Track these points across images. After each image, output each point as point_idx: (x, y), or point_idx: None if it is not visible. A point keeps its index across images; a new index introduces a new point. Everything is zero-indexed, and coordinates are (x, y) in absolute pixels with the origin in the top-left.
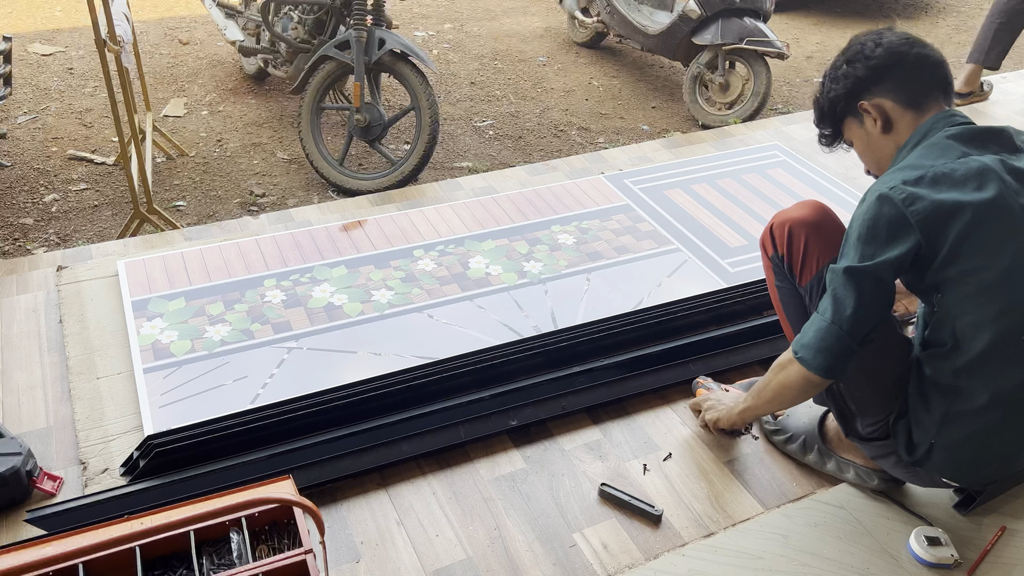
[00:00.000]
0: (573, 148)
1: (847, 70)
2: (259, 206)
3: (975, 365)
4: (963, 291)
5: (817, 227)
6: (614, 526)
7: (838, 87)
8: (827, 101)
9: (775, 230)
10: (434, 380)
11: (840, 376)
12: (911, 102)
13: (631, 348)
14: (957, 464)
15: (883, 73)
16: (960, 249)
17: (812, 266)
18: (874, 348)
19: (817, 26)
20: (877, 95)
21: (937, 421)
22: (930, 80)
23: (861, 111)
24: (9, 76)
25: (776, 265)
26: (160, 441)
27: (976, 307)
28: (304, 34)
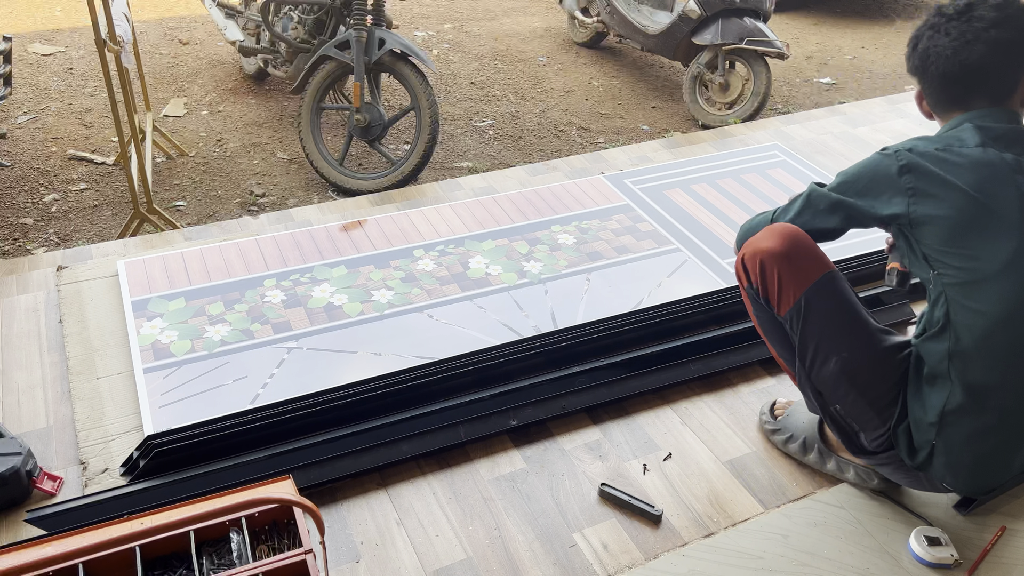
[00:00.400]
0: (573, 148)
1: (908, 53)
2: (259, 206)
3: (966, 355)
4: (959, 276)
5: (788, 257)
6: (614, 526)
7: (909, 63)
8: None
9: (747, 263)
10: (434, 380)
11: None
12: (936, 107)
13: (631, 348)
14: (957, 468)
15: (919, 74)
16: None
17: (789, 298)
18: (864, 361)
19: (817, 26)
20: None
21: (935, 422)
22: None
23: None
24: (9, 76)
25: (752, 297)
26: (160, 441)
27: (971, 295)
28: (304, 34)
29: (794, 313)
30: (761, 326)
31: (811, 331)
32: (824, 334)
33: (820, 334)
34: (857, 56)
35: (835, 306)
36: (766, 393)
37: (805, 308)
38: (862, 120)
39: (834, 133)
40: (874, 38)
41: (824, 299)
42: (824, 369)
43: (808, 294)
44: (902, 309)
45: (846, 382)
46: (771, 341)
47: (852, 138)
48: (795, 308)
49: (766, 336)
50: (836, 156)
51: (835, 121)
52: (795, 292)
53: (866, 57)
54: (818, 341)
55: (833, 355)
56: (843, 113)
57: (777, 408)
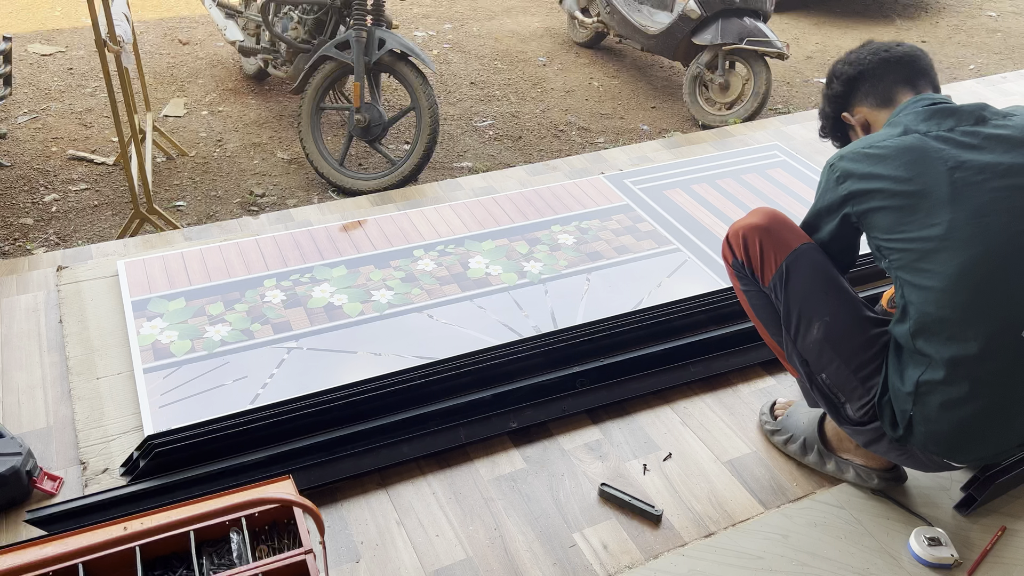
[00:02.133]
0: (573, 148)
1: (828, 92)
2: (259, 206)
3: (926, 330)
4: (904, 259)
5: (767, 230)
6: (614, 526)
7: (827, 110)
8: (826, 120)
9: (731, 239)
10: (434, 380)
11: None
12: (881, 102)
13: (631, 348)
14: (938, 437)
15: (855, 83)
16: (894, 222)
17: (771, 265)
18: (846, 331)
19: (817, 26)
20: (855, 105)
21: (911, 392)
22: (895, 78)
23: (847, 123)
24: (9, 76)
25: (739, 271)
26: (160, 441)
27: (917, 273)
28: (304, 34)
29: (777, 279)
30: (749, 302)
31: (794, 295)
32: (806, 297)
33: (803, 298)
34: None
35: (815, 271)
36: (766, 393)
37: (787, 273)
38: None
39: None
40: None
41: (804, 265)
42: (808, 335)
43: (788, 260)
44: None
45: (829, 348)
46: (759, 317)
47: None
48: (778, 274)
49: (754, 313)
50: None
51: None
52: (776, 258)
53: None
54: (801, 305)
55: (816, 320)
56: None
57: (777, 408)
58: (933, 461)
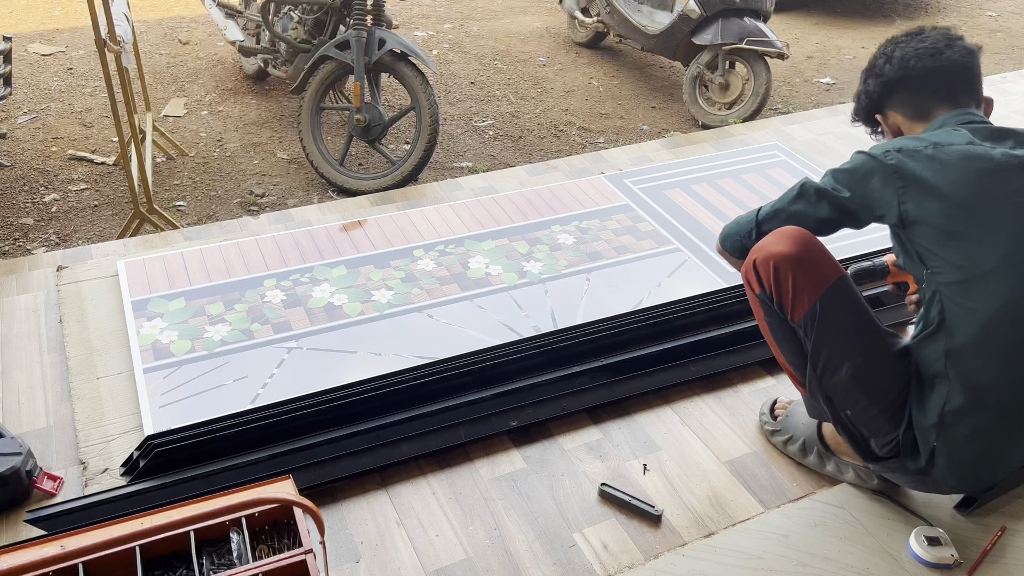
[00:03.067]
0: (573, 148)
1: (864, 87)
2: (259, 206)
3: (963, 351)
4: (952, 275)
5: (801, 262)
6: (614, 526)
7: (861, 102)
8: (859, 111)
9: (759, 268)
10: (434, 380)
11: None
12: (917, 115)
13: (631, 348)
14: (959, 469)
15: (893, 88)
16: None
17: (803, 302)
18: (876, 372)
19: (817, 26)
20: (889, 108)
21: (935, 424)
22: (935, 92)
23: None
24: (9, 76)
25: (764, 303)
26: (160, 441)
27: (965, 293)
28: (304, 34)
29: (809, 318)
30: (771, 332)
31: (825, 336)
32: (838, 339)
33: (834, 339)
34: (857, 56)
35: (848, 311)
36: (766, 393)
37: (820, 313)
38: None
39: (834, 133)
40: (874, 38)
41: (838, 304)
42: (836, 375)
43: (823, 299)
44: (901, 310)
45: (857, 388)
46: (781, 347)
47: (852, 138)
48: (810, 313)
49: (776, 342)
50: (836, 156)
51: (835, 121)
52: (810, 297)
53: (866, 57)
54: (832, 347)
55: (846, 361)
56: (843, 113)
57: (777, 408)
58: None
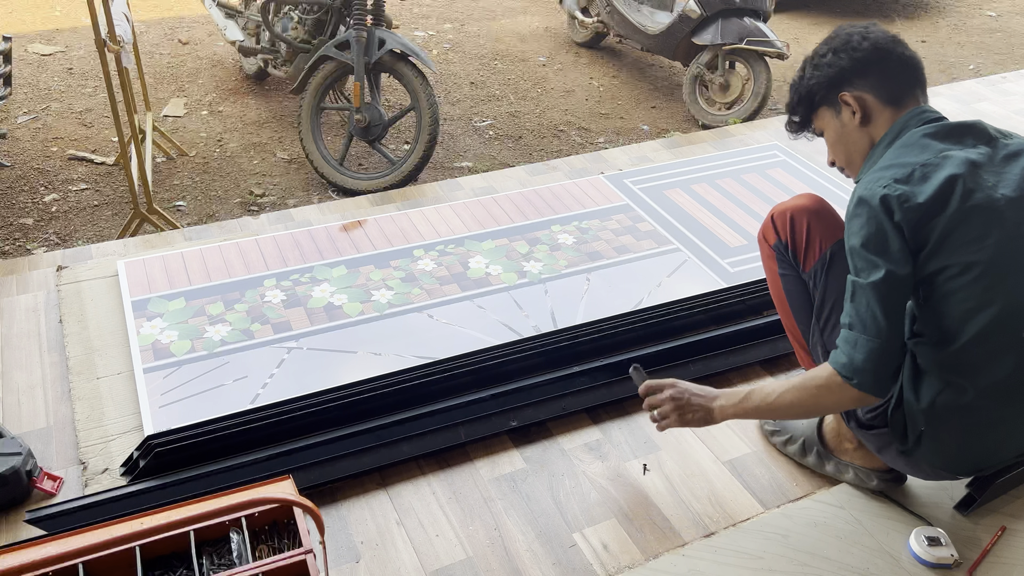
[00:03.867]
0: (573, 148)
1: (832, 59)
2: (259, 206)
3: (959, 359)
4: (947, 287)
5: (817, 213)
6: (614, 526)
7: (820, 75)
8: (806, 88)
9: (776, 219)
10: (434, 380)
11: (891, 389)
12: (892, 99)
13: (631, 348)
14: (946, 454)
15: (868, 66)
16: (943, 246)
17: (816, 250)
18: None
19: (817, 26)
20: (859, 88)
21: (925, 411)
22: (911, 80)
23: (841, 102)
24: (9, 76)
25: (780, 253)
26: (160, 441)
27: (960, 303)
28: (304, 34)
29: (819, 266)
30: (784, 287)
31: (833, 284)
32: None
33: (840, 289)
34: None
35: None
36: None
37: (830, 260)
38: None
39: None
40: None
41: None
42: (837, 329)
43: (834, 247)
44: None
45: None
46: (790, 303)
47: None
48: (821, 260)
49: (786, 298)
50: None
51: None
52: (822, 244)
53: None
54: (837, 296)
55: None
56: None
57: None
58: (934, 472)
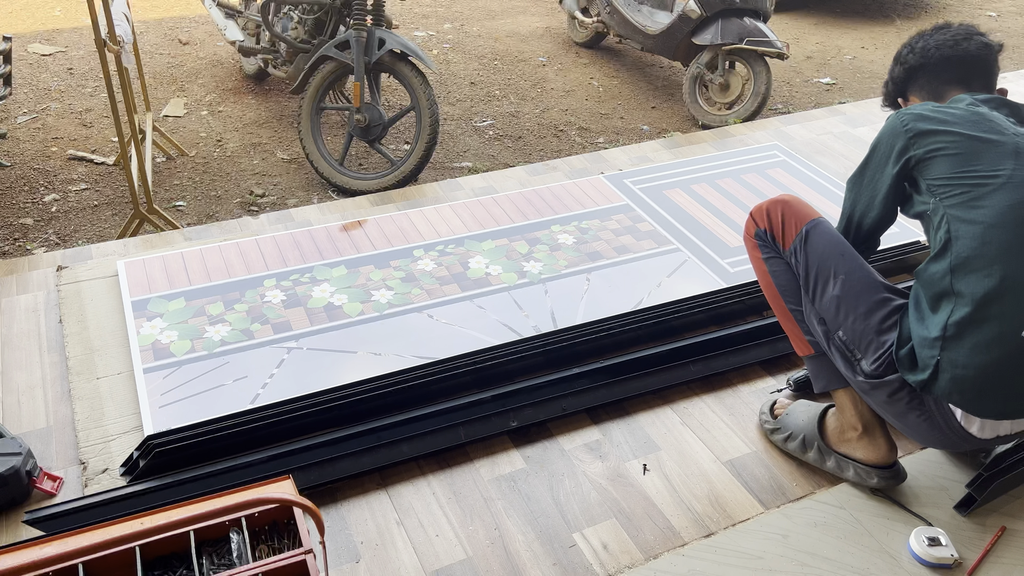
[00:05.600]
0: (573, 148)
1: (891, 75)
2: (259, 206)
3: (966, 265)
4: (960, 195)
5: (789, 203)
6: (614, 526)
7: (888, 88)
8: (886, 97)
9: (755, 214)
10: (434, 380)
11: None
12: (933, 97)
13: (631, 348)
14: (962, 384)
15: (914, 74)
16: (958, 162)
17: (792, 229)
18: (862, 287)
19: (817, 26)
20: (911, 93)
21: (939, 336)
22: (950, 77)
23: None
24: (9, 76)
25: (761, 239)
26: (160, 441)
27: (970, 209)
28: (304, 34)
29: (797, 242)
30: (769, 269)
31: (813, 255)
32: (825, 257)
33: (821, 257)
34: (857, 56)
35: (832, 236)
36: (766, 393)
37: (806, 236)
38: (862, 120)
39: (834, 133)
40: (874, 38)
41: (822, 230)
42: (826, 293)
43: (808, 226)
44: None
45: (846, 303)
46: (776, 283)
47: (852, 138)
48: (798, 237)
49: (772, 279)
50: (836, 156)
51: (835, 121)
52: (797, 225)
53: (866, 57)
54: (819, 264)
55: (833, 277)
56: (843, 113)
57: (777, 408)
58: (950, 426)
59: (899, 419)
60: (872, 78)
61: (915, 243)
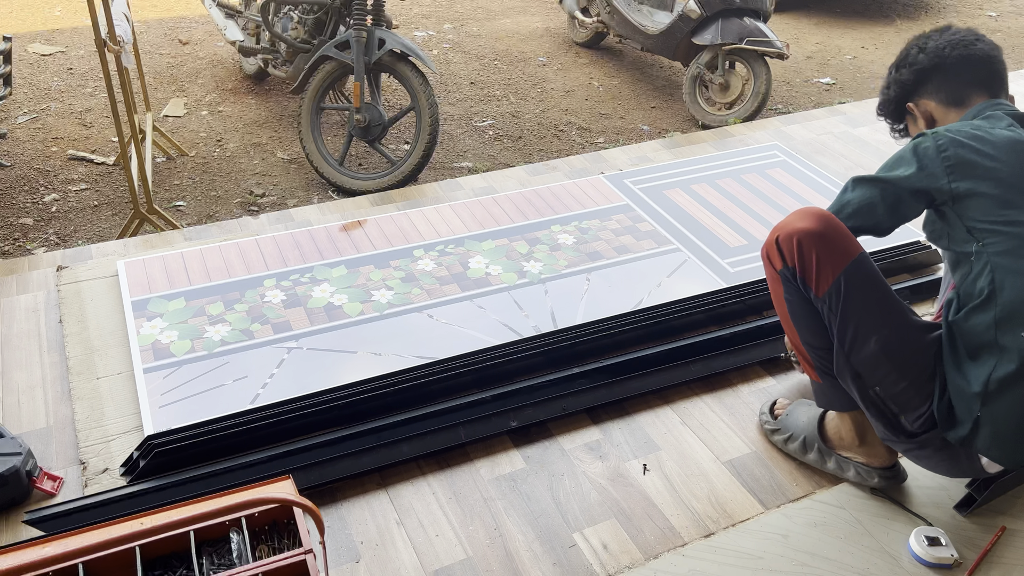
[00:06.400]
0: (573, 148)
1: (896, 76)
2: (259, 206)
3: (1014, 318)
4: (1005, 243)
5: (824, 237)
6: (614, 526)
7: (890, 92)
8: (887, 103)
9: (782, 243)
10: (434, 380)
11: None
12: (952, 101)
13: (631, 348)
14: (1003, 438)
15: (926, 76)
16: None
17: (827, 277)
18: (903, 342)
19: (817, 26)
20: (922, 96)
21: (980, 392)
22: (971, 79)
23: (909, 111)
24: (9, 76)
25: (786, 279)
26: (160, 441)
27: (1019, 259)
28: (304, 34)
29: (833, 292)
30: (790, 310)
31: (851, 310)
32: (864, 312)
33: (860, 312)
34: (857, 56)
35: (872, 285)
36: (766, 393)
37: (845, 287)
38: (862, 120)
39: (834, 133)
40: (874, 38)
41: (861, 278)
42: (864, 349)
43: (846, 273)
44: None
45: (886, 360)
46: (798, 327)
47: (852, 138)
48: (834, 287)
49: (794, 321)
50: (836, 156)
51: (835, 121)
52: (833, 271)
53: (866, 57)
54: (858, 319)
55: (873, 334)
56: (843, 113)
57: (777, 408)
58: (972, 467)
59: (919, 460)
60: (872, 78)
61: (915, 243)
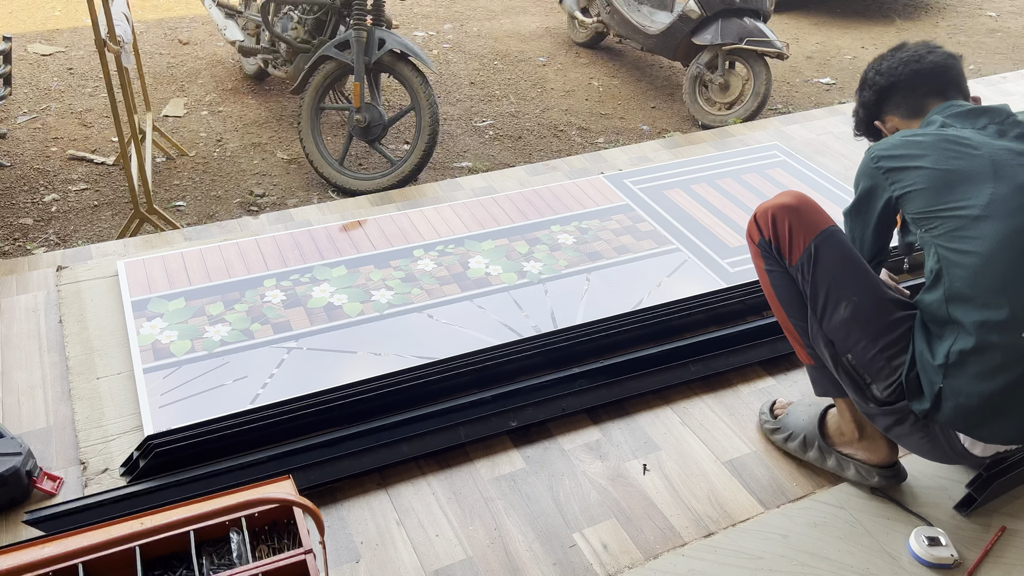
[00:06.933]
0: (573, 148)
1: (860, 100)
2: (259, 206)
3: (960, 296)
4: (944, 226)
5: (797, 210)
6: (614, 526)
7: (860, 114)
8: (859, 124)
9: (759, 219)
10: (434, 380)
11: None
12: (911, 113)
13: (631, 348)
14: (965, 412)
15: (885, 95)
16: (933, 195)
17: (799, 244)
18: (873, 310)
19: (817, 26)
20: (886, 114)
21: (942, 364)
22: (926, 91)
23: (879, 129)
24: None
25: (765, 250)
26: (160, 441)
27: (957, 240)
28: (304, 34)
29: (805, 259)
30: (772, 283)
31: (821, 275)
32: (834, 278)
33: (830, 278)
34: (857, 56)
35: (842, 253)
36: (766, 393)
37: (815, 253)
38: None
39: (834, 133)
40: (874, 38)
41: (831, 246)
42: (835, 315)
43: (817, 240)
44: None
45: (857, 327)
46: (780, 299)
47: (852, 138)
48: (806, 254)
49: (775, 294)
50: (836, 156)
51: (835, 121)
52: (805, 239)
53: (866, 57)
54: (828, 285)
55: (843, 299)
56: (843, 113)
57: (777, 408)
58: (953, 447)
59: (902, 439)
60: None
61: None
